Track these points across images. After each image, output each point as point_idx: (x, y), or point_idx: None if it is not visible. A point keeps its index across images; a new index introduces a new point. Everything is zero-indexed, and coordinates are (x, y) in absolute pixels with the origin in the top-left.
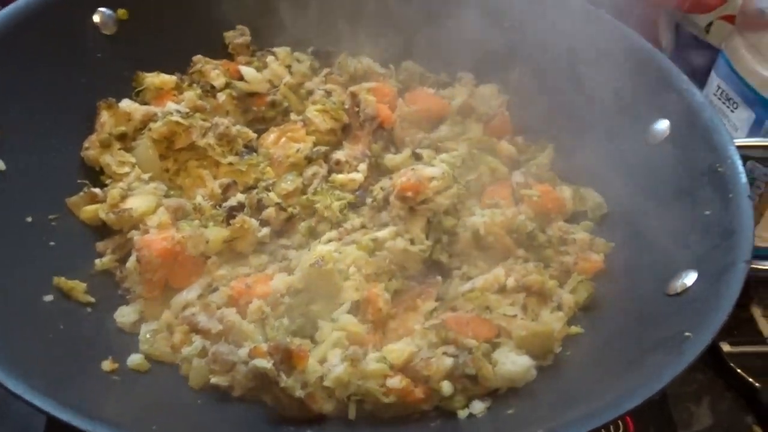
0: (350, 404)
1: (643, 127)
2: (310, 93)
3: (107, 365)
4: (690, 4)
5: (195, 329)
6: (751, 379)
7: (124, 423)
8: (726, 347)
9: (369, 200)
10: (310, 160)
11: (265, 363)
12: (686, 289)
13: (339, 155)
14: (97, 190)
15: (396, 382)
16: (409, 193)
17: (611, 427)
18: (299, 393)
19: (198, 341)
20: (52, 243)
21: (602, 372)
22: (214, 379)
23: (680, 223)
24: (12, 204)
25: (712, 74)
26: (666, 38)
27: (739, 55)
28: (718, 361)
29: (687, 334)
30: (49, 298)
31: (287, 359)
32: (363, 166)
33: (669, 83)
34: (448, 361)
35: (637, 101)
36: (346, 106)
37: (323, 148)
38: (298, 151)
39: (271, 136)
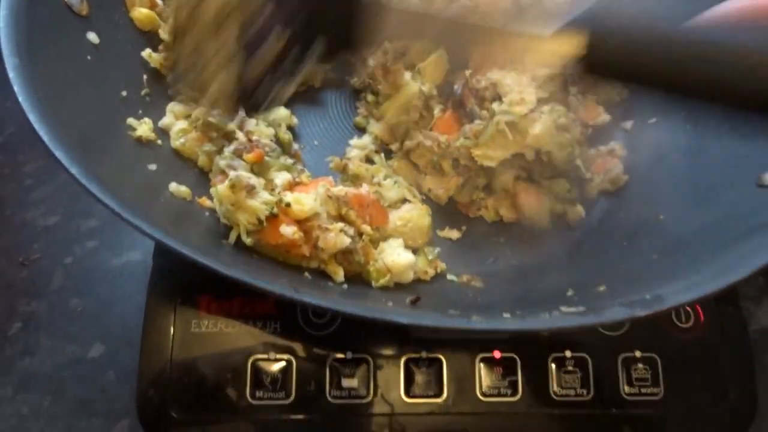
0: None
1: None
2: None
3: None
4: None
5: None
6: None
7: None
8: None
9: None
10: None
11: None
12: None
13: None
14: None
15: (289, 231)
16: None
17: (682, 315)
18: None
19: None
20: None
21: (689, 254)
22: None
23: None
24: (109, 78)
25: None
26: None
27: None
28: None
29: None
30: (152, 167)
31: None
32: None
33: None
34: (346, 240)
35: None
36: None
37: None
38: None
39: None
